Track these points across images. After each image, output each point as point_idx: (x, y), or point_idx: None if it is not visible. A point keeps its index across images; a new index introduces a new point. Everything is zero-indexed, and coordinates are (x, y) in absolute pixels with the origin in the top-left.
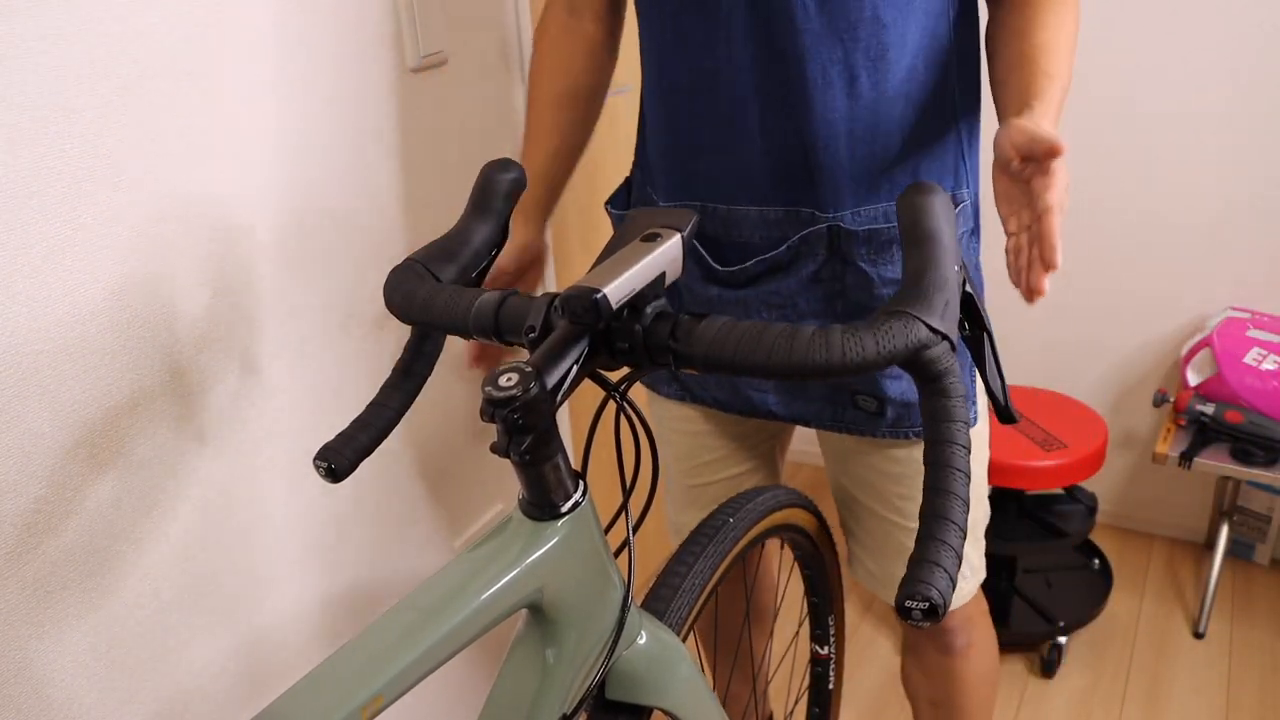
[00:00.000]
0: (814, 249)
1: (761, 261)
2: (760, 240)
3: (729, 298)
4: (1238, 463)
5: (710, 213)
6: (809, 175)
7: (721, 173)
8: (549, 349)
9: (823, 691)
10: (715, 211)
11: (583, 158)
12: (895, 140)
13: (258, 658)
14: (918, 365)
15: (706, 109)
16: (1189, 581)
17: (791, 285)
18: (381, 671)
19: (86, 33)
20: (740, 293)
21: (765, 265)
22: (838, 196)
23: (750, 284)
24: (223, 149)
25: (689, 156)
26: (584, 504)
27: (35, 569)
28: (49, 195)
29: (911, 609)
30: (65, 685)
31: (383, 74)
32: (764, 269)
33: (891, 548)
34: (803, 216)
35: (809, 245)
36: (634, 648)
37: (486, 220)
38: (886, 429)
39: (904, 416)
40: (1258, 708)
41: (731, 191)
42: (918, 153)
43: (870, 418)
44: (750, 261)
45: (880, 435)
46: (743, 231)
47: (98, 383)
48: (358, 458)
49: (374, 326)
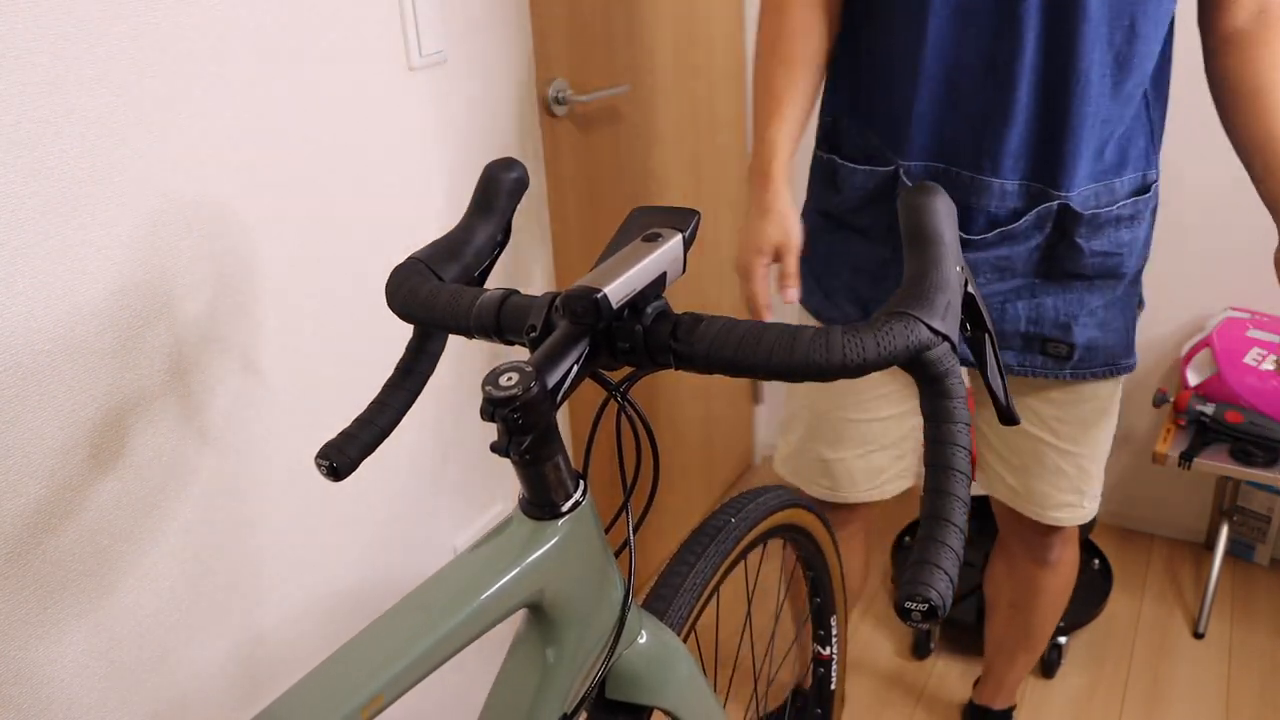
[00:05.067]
0: (1043, 223)
1: (1003, 232)
2: (995, 209)
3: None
4: (1238, 463)
5: (954, 178)
6: (1054, 156)
7: (977, 144)
8: (550, 349)
9: (824, 692)
10: (959, 177)
11: (581, 157)
12: (1117, 130)
13: (258, 658)
14: (919, 366)
15: (980, 87)
16: (1189, 582)
17: (1019, 252)
18: (382, 671)
19: (86, 33)
20: (970, 255)
21: (1002, 234)
22: (1071, 178)
23: (983, 248)
24: (223, 149)
25: (948, 125)
26: (584, 504)
27: (35, 569)
28: (49, 195)
29: (911, 610)
30: (65, 685)
31: (383, 74)
32: (999, 237)
33: (1036, 464)
34: (1032, 191)
35: (1040, 220)
36: (634, 647)
37: (489, 219)
38: (1069, 371)
39: (1086, 359)
40: (1258, 708)
41: (980, 162)
42: (1126, 141)
43: (1057, 362)
44: (994, 232)
45: (1062, 377)
46: (981, 199)
47: (98, 383)
48: (360, 456)
49: (375, 326)
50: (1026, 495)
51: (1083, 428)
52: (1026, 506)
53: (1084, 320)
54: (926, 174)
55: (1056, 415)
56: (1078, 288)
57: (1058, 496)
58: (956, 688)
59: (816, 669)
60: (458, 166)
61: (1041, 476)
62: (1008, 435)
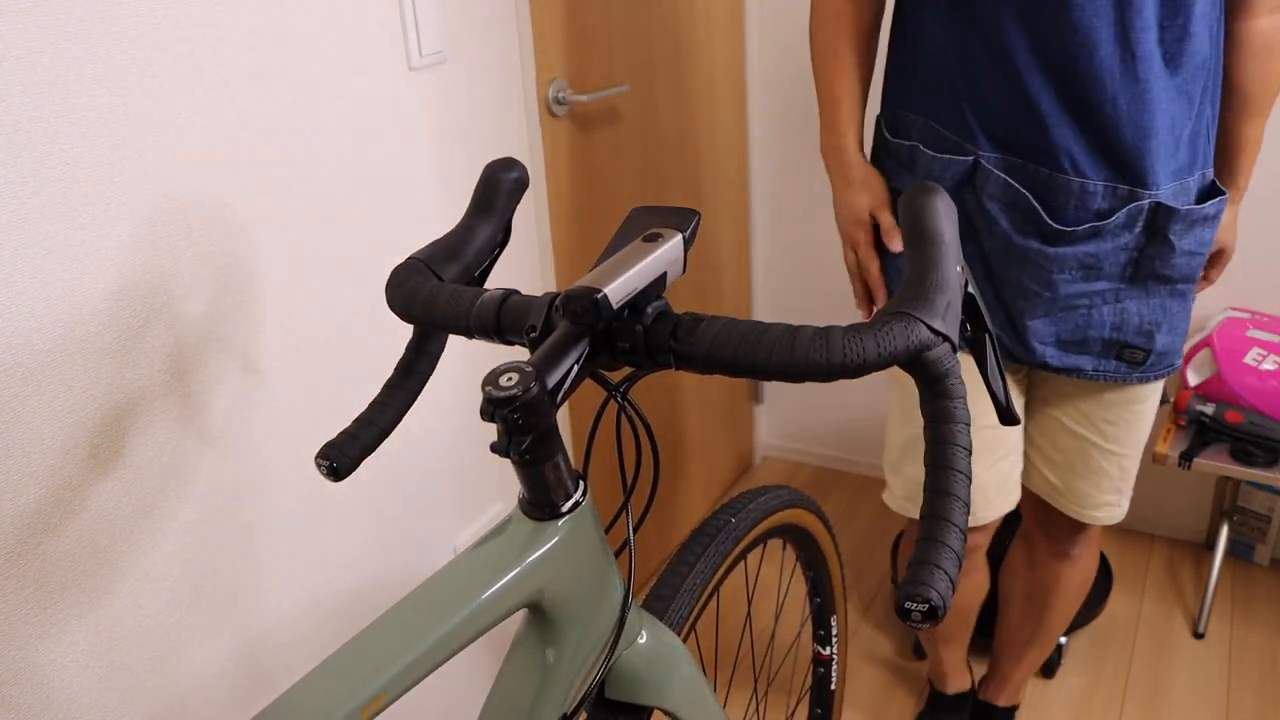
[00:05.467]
0: (1133, 222)
1: (1094, 227)
2: (1077, 207)
3: (1045, 253)
4: (1238, 463)
5: (1031, 173)
6: (1137, 157)
7: (1054, 141)
8: (550, 349)
9: (825, 692)
10: (1040, 174)
11: (581, 157)
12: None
13: (258, 658)
14: (919, 366)
15: (1065, 86)
16: (1189, 582)
17: (1105, 249)
18: (382, 671)
19: (86, 33)
20: (1057, 249)
21: (1092, 229)
22: (1156, 175)
23: (1071, 243)
24: (223, 149)
25: (1028, 122)
26: (584, 504)
27: (36, 569)
28: (49, 195)
29: (911, 610)
30: (65, 685)
31: (383, 74)
32: (1090, 231)
33: (1081, 464)
34: (1120, 193)
35: (1130, 218)
36: (634, 647)
37: (489, 219)
38: (1137, 376)
39: (1155, 363)
40: (1258, 708)
41: (1058, 159)
42: (1193, 139)
43: (1130, 367)
44: (1085, 226)
45: (1132, 381)
46: (1058, 197)
47: (98, 383)
48: (360, 456)
49: (375, 325)
50: (1068, 493)
51: (1129, 428)
52: (1066, 504)
53: (1164, 326)
54: (1004, 168)
55: (1106, 417)
56: (1161, 293)
57: (1099, 496)
58: None
59: (816, 669)
60: (458, 166)
61: (1085, 476)
62: (1053, 433)
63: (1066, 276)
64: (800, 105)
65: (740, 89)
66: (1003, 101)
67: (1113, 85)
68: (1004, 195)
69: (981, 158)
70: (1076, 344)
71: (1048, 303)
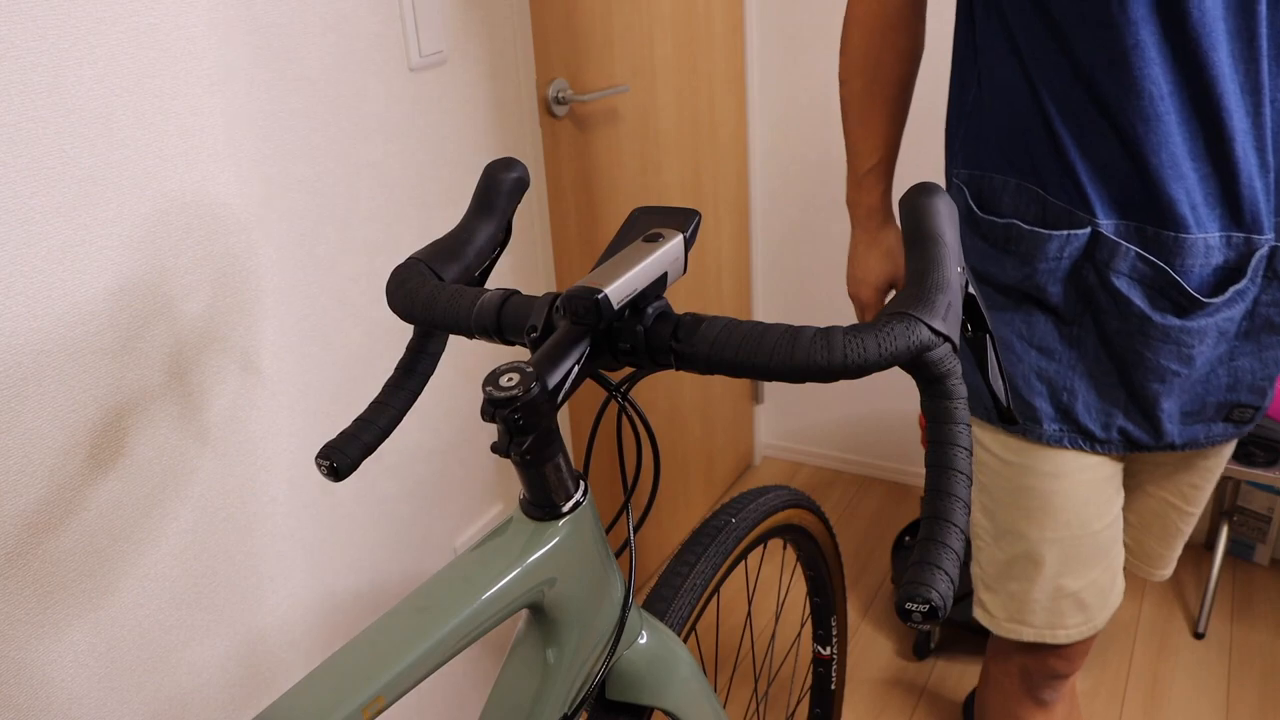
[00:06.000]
0: (1255, 274)
1: (1237, 291)
2: (1201, 267)
3: (1187, 328)
4: (1238, 463)
5: (1155, 239)
6: (1248, 200)
7: (1171, 197)
8: (550, 349)
9: (825, 692)
10: (1162, 238)
11: (581, 157)
12: None
13: (258, 658)
14: (920, 367)
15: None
16: (1189, 581)
17: (1238, 310)
18: (382, 671)
19: (86, 33)
20: (1197, 322)
21: (1236, 294)
22: (1265, 220)
23: (1213, 314)
24: (223, 149)
25: (1135, 174)
26: (585, 504)
27: (35, 569)
28: (50, 195)
29: (912, 610)
30: (65, 685)
31: (383, 74)
32: (1235, 297)
33: (1159, 526)
34: (1234, 241)
35: (1254, 272)
36: (635, 648)
37: (490, 219)
38: (1233, 433)
39: (1258, 417)
40: (1258, 708)
41: (1179, 217)
42: None
43: (1237, 427)
44: (1229, 292)
45: (1229, 438)
46: (1185, 260)
47: (98, 383)
48: (360, 456)
49: (376, 325)
50: (1138, 552)
51: (1209, 490)
52: (1134, 563)
53: (1275, 378)
54: (1127, 235)
55: (1194, 482)
56: (1273, 343)
57: (1169, 555)
58: (956, 688)
59: (816, 669)
60: (458, 166)
61: (1162, 539)
62: (1133, 499)
63: (1205, 350)
64: (801, 105)
65: (740, 89)
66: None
67: (1239, 120)
68: (1134, 270)
69: (1100, 226)
70: (1194, 414)
71: (1184, 380)
